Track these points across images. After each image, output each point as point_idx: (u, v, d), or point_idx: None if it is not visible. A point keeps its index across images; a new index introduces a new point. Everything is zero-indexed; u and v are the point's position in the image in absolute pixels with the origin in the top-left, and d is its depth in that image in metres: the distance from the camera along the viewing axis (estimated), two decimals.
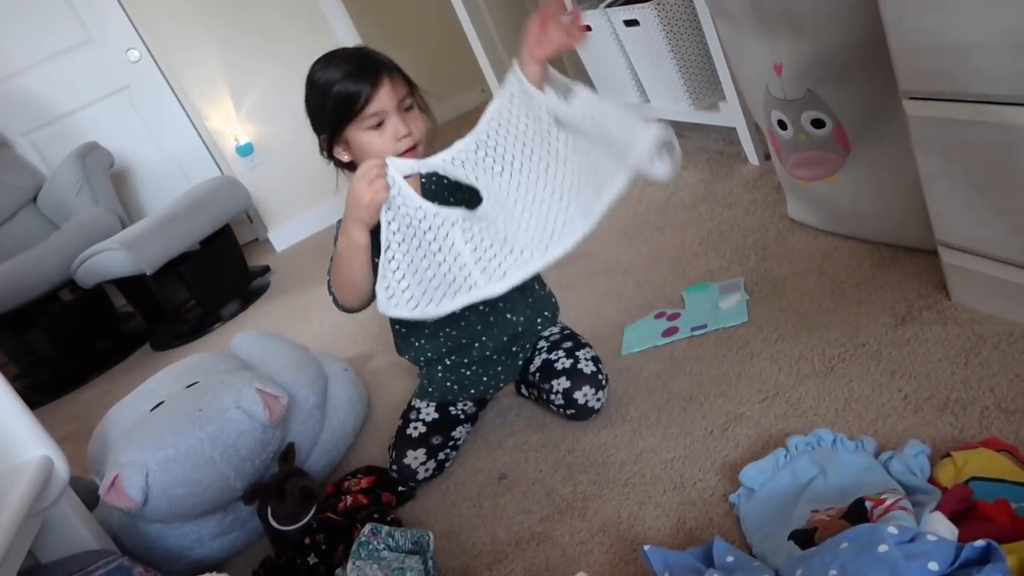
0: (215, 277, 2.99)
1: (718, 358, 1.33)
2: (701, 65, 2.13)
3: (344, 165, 1.28)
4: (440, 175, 1.20)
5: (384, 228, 1.15)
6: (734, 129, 2.09)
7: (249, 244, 4.00)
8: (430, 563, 1.08)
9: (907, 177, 1.21)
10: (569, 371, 1.30)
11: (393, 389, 1.73)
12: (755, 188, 1.89)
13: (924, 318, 1.19)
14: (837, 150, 1.37)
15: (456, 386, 1.41)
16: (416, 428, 1.37)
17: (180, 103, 3.61)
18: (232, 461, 1.30)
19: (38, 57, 3.46)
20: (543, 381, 1.34)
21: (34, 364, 2.99)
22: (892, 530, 0.71)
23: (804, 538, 0.84)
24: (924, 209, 1.15)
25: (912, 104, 1.05)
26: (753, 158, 2.03)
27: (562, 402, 1.30)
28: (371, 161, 1.15)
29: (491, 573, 1.11)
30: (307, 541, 1.24)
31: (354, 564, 1.04)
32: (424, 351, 1.39)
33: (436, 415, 1.39)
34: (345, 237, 1.18)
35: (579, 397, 1.29)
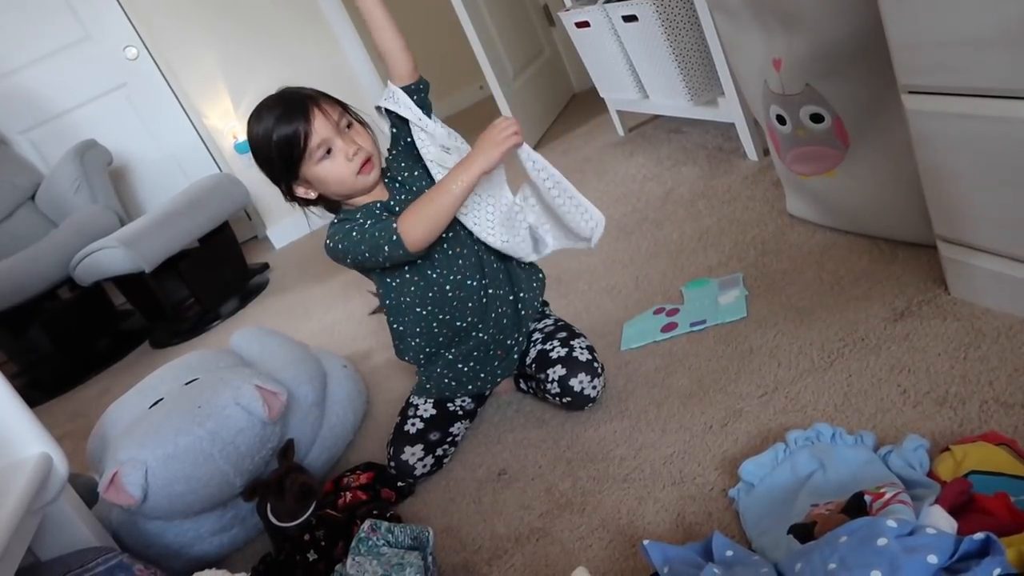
0: (214, 275, 2.99)
1: (717, 353, 1.33)
2: (700, 60, 2.13)
3: (311, 202, 1.32)
4: (399, 175, 1.34)
5: (529, 166, 1.27)
6: (733, 124, 2.09)
7: (248, 241, 4.00)
8: (430, 559, 1.08)
9: (906, 172, 1.21)
10: (564, 359, 1.31)
11: (392, 386, 1.73)
12: (754, 184, 1.89)
13: (923, 312, 1.19)
14: (836, 145, 1.37)
15: (454, 382, 1.40)
16: (414, 424, 1.37)
17: (178, 100, 3.61)
18: (231, 458, 1.30)
19: (36, 55, 3.46)
20: (539, 371, 1.34)
21: (33, 362, 2.99)
22: (891, 523, 0.71)
23: (803, 532, 0.84)
24: (923, 204, 1.15)
25: (911, 98, 1.05)
26: (752, 153, 2.03)
27: (558, 390, 1.31)
28: (508, 120, 1.21)
29: (491, 569, 1.11)
30: (307, 537, 1.24)
31: (354, 560, 1.04)
32: (422, 348, 1.38)
33: (434, 411, 1.39)
34: (468, 176, 1.21)
35: (575, 384, 1.29)
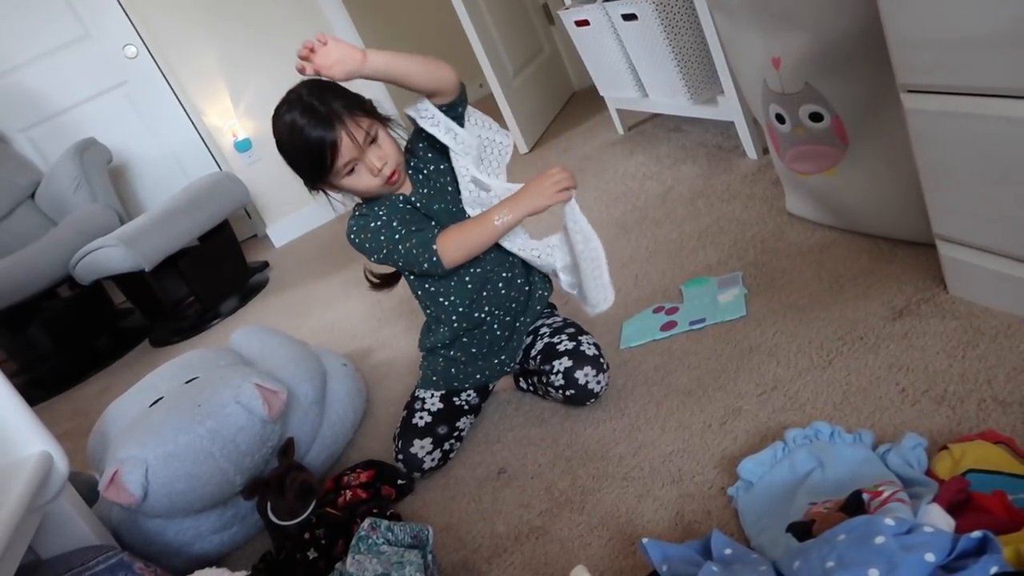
0: (214, 273, 2.99)
1: (716, 352, 1.33)
2: (699, 59, 2.12)
3: (331, 193, 1.33)
4: (423, 170, 1.34)
5: (570, 225, 1.29)
6: (732, 123, 2.09)
7: (248, 240, 4.00)
8: (429, 557, 1.08)
9: (905, 171, 1.21)
10: (571, 352, 1.32)
11: (392, 384, 1.73)
12: (753, 182, 1.89)
13: (922, 311, 1.20)
14: (835, 144, 1.37)
15: (460, 373, 1.41)
16: (422, 417, 1.38)
17: (178, 99, 3.61)
18: (231, 456, 1.31)
19: (35, 53, 3.46)
20: (544, 362, 1.34)
21: (33, 360, 2.99)
22: (889, 522, 0.71)
23: (802, 530, 0.84)
24: (922, 202, 1.15)
25: (910, 97, 1.05)
26: (751, 152, 2.03)
27: (562, 382, 1.31)
28: (565, 173, 1.25)
29: (490, 567, 1.11)
30: (307, 536, 1.24)
31: (354, 558, 1.04)
32: (445, 336, 1.39)
33: (441, 405, 1.40)
34: (513, 217, 1.26)
35: (580, 377, 1.29)
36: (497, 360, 1.42)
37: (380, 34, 4.18)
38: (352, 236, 1.31)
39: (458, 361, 1.41)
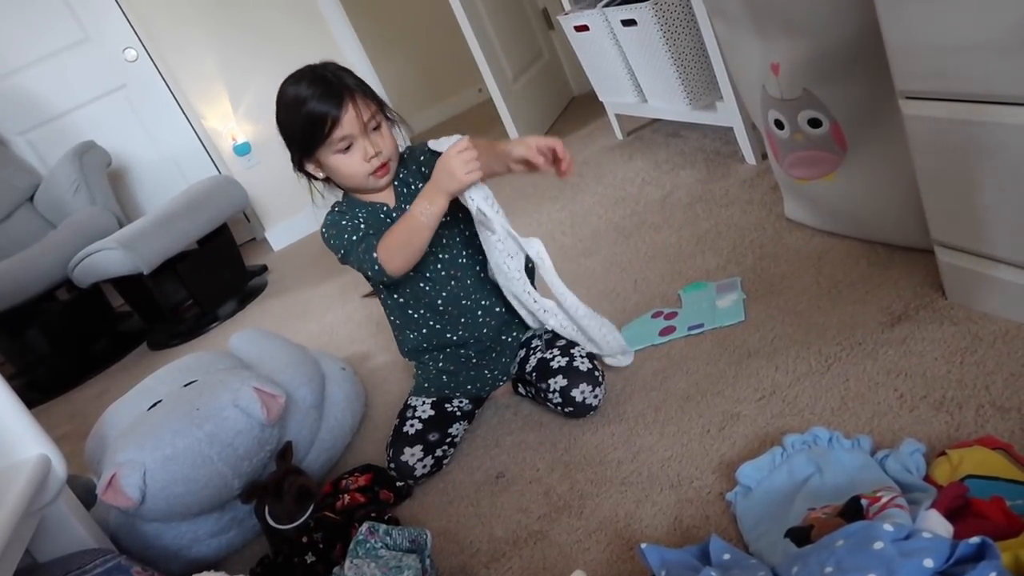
0: (212, 276, 2.99)
1: (715, 357, 1.34)
2: (698, 65, 2.13)
3: (315, 179, 1.33)
4: (411, 186, 1.33)
5: (482, 202, 1.24)
6: (731, 129, 2.09)
7: (247, 243, 4.00)
8: (427, 561, 1.08)
9: (904, 176, 1.22)
10: (565, 369, 1.31)
11: (390, 388, 1.73)
12: (752, 188, 1.89)
13: (920, 317, 1.20)
14: (834, 150, 1.37)
15: (452, 383, 1.41)
16: (412, 425, 1.37)
17: (177, 102, 3.61)
18: (230, 460, 1.30)
19: (35, 56, 3.46)
20: (540, 380, 1.34)
21: (31, 363, 2.98)
22: (888, 527, 0.71)
23: (800, 536, 0.84)
24: (920, 208, 1.16)
25: (908, 104, 1.06)
26: (750, 157, 2.04)
27: (560, 400, 1.31)
28: (466, 144, 1.18)
29: (488, 572, 1.11)
30: (305, 540, 1.24)
31: (352, 562, 1.04)
32: (419, 343, 1.40)
33: (432, 412, 1.39)
34: (431, 205, 1.20)
35: (576, 395, 1.29)
36: (489, 373, 1.42)
37: (380, 40, 4.19)
38: (324, 231, 1.31)
39: (448, 371, 1.41)
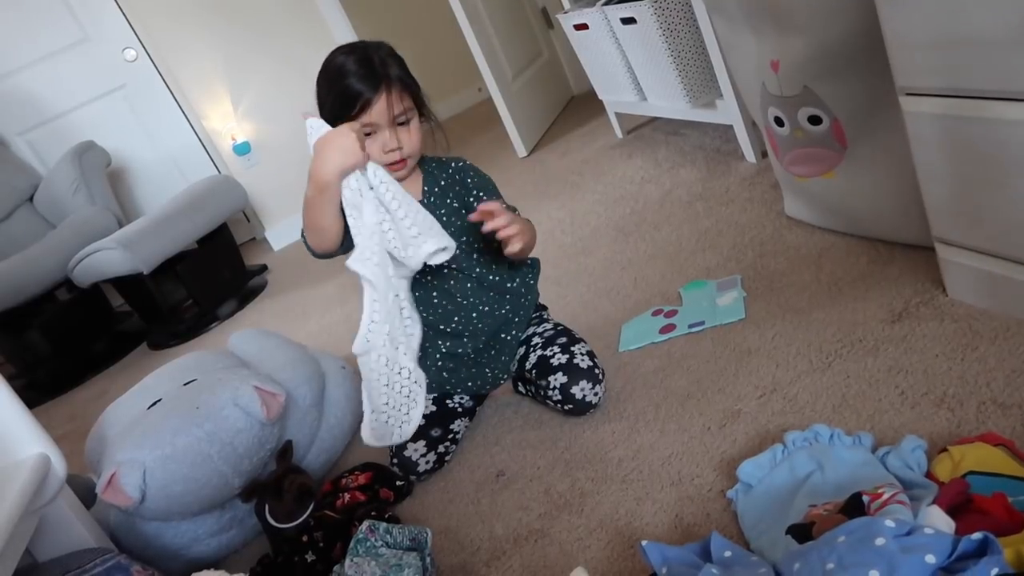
0: (212, 276, 2.99)
1: (715, 355, 1.33)
2: (698, 62, 2.13)
3: None
4: (440, 190, 1.32)
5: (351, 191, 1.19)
6: (731, 126, 2.09)
7: (246, 243, 4.00)
8: (428, 560, 1.08)
9: (904, 173, 1.21)
10: (565, 367, 1.31)
11: None
12: (752, 185, 1.89)
13: (921, 314, 1.20)
14: (834, 147, 1.37)
15: (453, 378, 1.41)
16: None
17: (177, 102, 3.61)
18: (230, 459, 1.30)
19: (34, 56, 3.46)
20: (540, 378, 1.34)
21: (31, 363, 2.99)
22: (889, 524, 0.71)
23: (801, 532, 0.84)
24: (921, 205, 1.15)
25: (909, 100, 1.06)
26: (750, 155, 2.04)
27: (560, 398, 1.31)
28: (354, 129, 1.16)
29: (489, 570, 1.11)
30: (305, 539, 1.23)
31: (352, 561, 1.04)
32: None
33: (434, 407, 1.39)
34: (311, 188, 1.18)
35: (576, 392, 1.29)
36: (490, 371, 1.41)
37: (379, 38, 4.19)
38: None
39: (448, 368, 1.40)
